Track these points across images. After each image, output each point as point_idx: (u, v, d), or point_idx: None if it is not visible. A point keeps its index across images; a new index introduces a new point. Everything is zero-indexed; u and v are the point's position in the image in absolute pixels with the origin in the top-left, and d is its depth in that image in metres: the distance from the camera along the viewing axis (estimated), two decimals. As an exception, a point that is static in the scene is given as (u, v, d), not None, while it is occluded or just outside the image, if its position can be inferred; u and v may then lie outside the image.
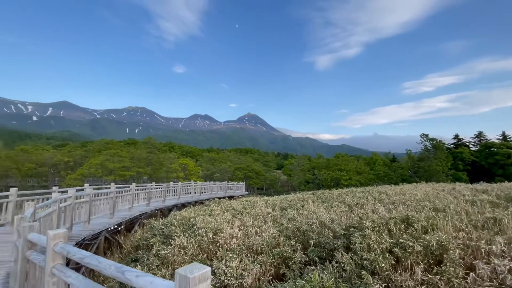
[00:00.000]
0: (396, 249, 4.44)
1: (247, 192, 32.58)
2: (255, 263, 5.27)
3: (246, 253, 6.09)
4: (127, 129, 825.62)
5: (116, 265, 1.87)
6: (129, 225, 12.65)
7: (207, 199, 21.37)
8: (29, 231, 3.33)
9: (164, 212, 16.17)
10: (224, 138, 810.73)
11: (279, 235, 6.88)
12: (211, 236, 8.43)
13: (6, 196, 8.69)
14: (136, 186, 13.79)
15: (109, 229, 10.03)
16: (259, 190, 56.58)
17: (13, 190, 8.72)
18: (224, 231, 8.29)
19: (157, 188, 17.04)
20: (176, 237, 8.60)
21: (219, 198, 21.94)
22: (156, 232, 9.98)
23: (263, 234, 7.11)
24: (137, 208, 13.46)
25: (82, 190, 9.99)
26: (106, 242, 10.40)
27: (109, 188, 11.58)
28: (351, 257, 4.64)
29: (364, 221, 5.97)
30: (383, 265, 4.06)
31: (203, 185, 24.79)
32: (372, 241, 4.79)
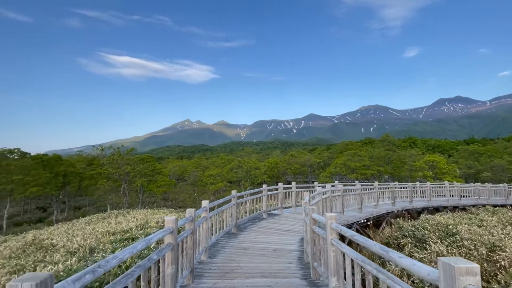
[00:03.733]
0: None
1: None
2: None
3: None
4: (362, 129, 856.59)
5: (379, 245, 2.35)
6: (376, 221, 13.20)
7: (472, 205, 16.76)
8: (312, 212, 4.84)
9: (412, 214, 14.97)
10: (491, 122, 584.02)
11: None
12: (484, 252, 6.76)
13: (290, 187, 12.75)
14: (378, 185, 14.16)
15: (360, 222, 11.20)
16: None
17: (293, 184, 12.61)
18: (508, 250, 6.38)
19: (401, 188, 16.24)
20: (432, 243, 7.81)
21: (493, 205, 16.30)
22: (406, 233, 9.63)
23: None
24: (383, 207, 13.74)
25: (334, 186, 12.10)
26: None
27: (354, 185, 12.95)
28: None
29: None
30: None
31: (463, 187, 19.72)
32: None
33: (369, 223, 12.02)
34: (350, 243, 7.81)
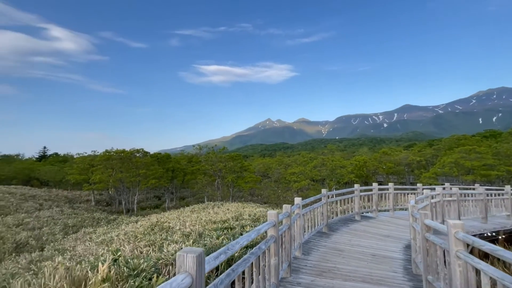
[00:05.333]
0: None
1: None
2: None
3: None
4: (480, 119, 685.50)
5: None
6: (509, 236, 10.33)
7: None
8: (425, 217, 4.20)
9: None
10: None
11: None
12: None
13: (386, 189, 11.43)
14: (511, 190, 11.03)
15: (485, 234, 9.02)
16: None
17: (391, 185, 11.26)
18: None
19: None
20: None
21: None
22: None
23: None
24: (520, 218, 10.63)
25: (443, 189, 10.14)
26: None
27: (474, 189, 10.51)
28: None
29: None
30: None
31: None
32: None
33: (499, 237, 9.53)
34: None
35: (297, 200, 5.94)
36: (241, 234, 7.27)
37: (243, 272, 2.69)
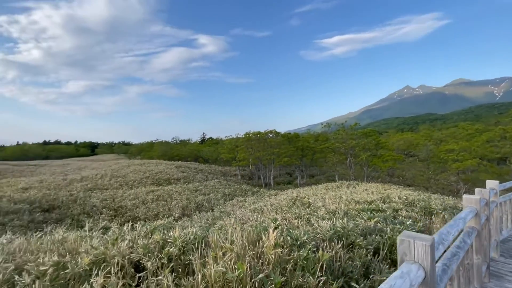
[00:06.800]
0: None
1: None
2: None
3: None
4: None
5: None
6: None
7: None
8: None
9: None
10: None
11: None
12: None
13: None
14: None
15: None
16: None
17: None
18: None
19: None
20: None
21: None
22: None
23: None
24: None
25: None
26: None
27: None
28: None
29: None
30: None
31: None
32: None
33: None
34: None
35: (491, 183, 4.35)
36: (394, 218, 6.34)
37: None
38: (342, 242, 4.22)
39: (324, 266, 3.37)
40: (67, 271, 2.81)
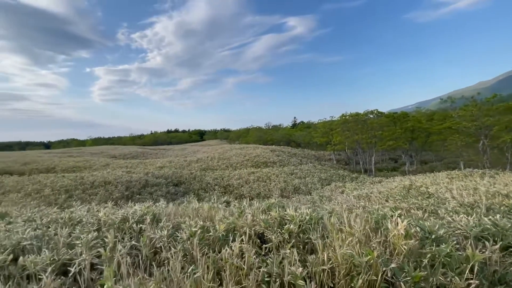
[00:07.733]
0: None
1: None
2: None
3: None
4: None
5: None
6: None
7: None
8: None
9: None
10: None
11: None
12: None
13: None
14: None
15: None
16: None
17: None
18: None
19: None
20: None
21: None
22: None
23: None
24: None
25: None
26: None
27: None
28: None
29: None
30: None
31: None
32: None
33: None
34: None
35: None
36: None
37: None
38: (495, 243, 3.37)
39: (476, 268, 2.78)
40: (210, 233, 3.38)
